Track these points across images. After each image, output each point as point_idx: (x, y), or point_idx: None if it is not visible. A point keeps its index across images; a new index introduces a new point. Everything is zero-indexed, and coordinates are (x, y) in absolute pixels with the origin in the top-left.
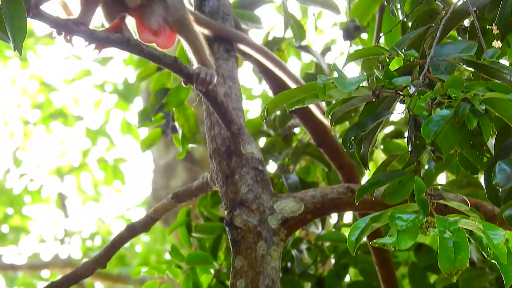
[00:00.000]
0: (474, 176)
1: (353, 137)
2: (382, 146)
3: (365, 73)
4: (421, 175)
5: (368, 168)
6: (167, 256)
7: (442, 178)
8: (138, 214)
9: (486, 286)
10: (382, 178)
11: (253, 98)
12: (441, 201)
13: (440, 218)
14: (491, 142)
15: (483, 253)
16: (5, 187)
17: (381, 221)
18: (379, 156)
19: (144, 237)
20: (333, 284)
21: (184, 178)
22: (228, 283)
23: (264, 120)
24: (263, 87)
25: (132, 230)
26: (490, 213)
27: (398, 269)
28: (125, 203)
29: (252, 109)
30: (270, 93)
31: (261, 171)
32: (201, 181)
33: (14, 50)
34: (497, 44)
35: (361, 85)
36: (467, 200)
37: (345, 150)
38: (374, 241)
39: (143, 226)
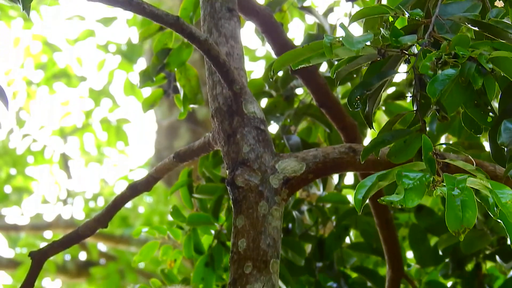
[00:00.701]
0: (478, 135)
1: (358, 96)
2: (384, 108)
3: (371, 32)
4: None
5: (373, 127)
6: (170, 218)
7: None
8: (141, 175)
9: (487, 247)
10: (387, 137)
11: (256, 59)
12: (447, 161)
13: (448, 176)
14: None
15: (486, 214)
16: (8, 148)
17: (387, 179)
18: (381, 118)
19: (147, 198)
20: (334, 245)
21: (187, 139)
22: (229, 244)
23: (271, 79)
24: (267, 49)
25: (134, 190)
26: (492, 174)
27: (399, 231)
28: (128, 164)
29: (256, 71)
30: (273, 55)
31: (263, 131)
32: (202, 140)
33: (23, 10)
34: (499, 3)
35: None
36: (472, 160)
37: (350, 109)
38: (381, 198)
39: (145, 185)
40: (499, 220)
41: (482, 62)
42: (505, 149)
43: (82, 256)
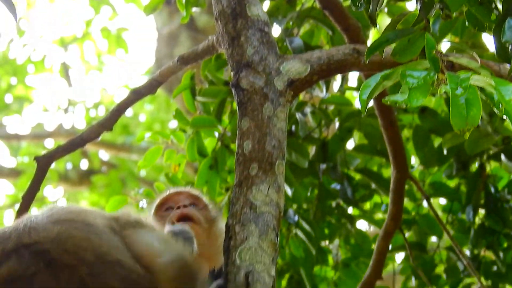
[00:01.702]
0: (481, 32)
1: None
2: (386, 9)
3: None
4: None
5: (376, 26)
6: (171, 125)
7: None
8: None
9: (491, 148)
10: (391, 36)
11: None
12: (451, 59)
13: (451, 74)
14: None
15: (490, 114)
16: (8, 57)
17: (392, 79)
18: (384, 21)
19: (147, 106)
20: (337, 147)
21: (187, 46)
22: (233, 146)
23: None
24: None
25: (138, 93)
26: (496, 74)
27: (402, 133)
28: (128, 72)
29: None
30: None
31: (267, 33)
32: (206, 43)
33: None
34: None
35: None
36: (477, 57)
37: (353, 8)
38: (386, 98)
39: (149, 88)
40: (504, 117)
41: None
42: (509, 46)
43: (84, 164)
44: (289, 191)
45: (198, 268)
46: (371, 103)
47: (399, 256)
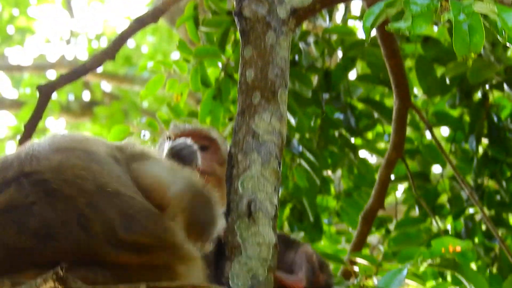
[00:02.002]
0: None
1: None
2: None
3: None
4: None
5: None
6: (173, 56)
7: None
8: None
9: (494, 77)
10: None
11: None
12: None
13: (454, 1)
14: None
15: (493, 43)
16: None
17: (395, 6)
18: None
19: (150, 38)
20: (340, 77)
21: None
22: (236, 76)
23: None
24: None
25: (141, 22)
26: (499, 1)
27: (405, 62)
28: (131, 3)
29: None
30: None
31: None
32: None
33: None
34: None
35: None
36: None
37: None
38: (389, 25)
39: (151, 17)
40: (508, 44)
41: None
42: None
43: (86, 96)
44: (292, 121)
45: (212, 194)
46: (374, 32)
47: (402, 187)
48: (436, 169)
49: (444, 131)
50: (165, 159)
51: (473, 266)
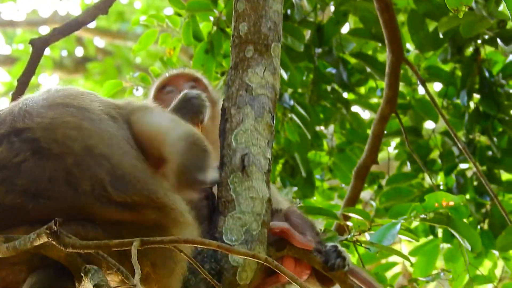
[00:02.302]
0: None
1: None
2: None
3: None
4: None
5: None
6: (166, 12)
7: None
8: None
9: (486, 32)
10: None
11: None
12: None
13: None
14: None
15: None
16: None
17: None
18: None
19: None
20: (333, 31)
21: None
22: (229, 30)
23: None
24: None
25: None
26: None
27: (398, 17)
28: None
29: None
30: None
31: None
32: None
33: None
34: None
35: None
36: None
37: None
38: None
39: None
40: None
41: None
42: None
43: (79, 52)
44: (284, 75)
45: (208, 146)
46: None
47: (393, 143)
48: (428, 125)
49: (436, 87)
50: (167, 110)
51: (465, 221)
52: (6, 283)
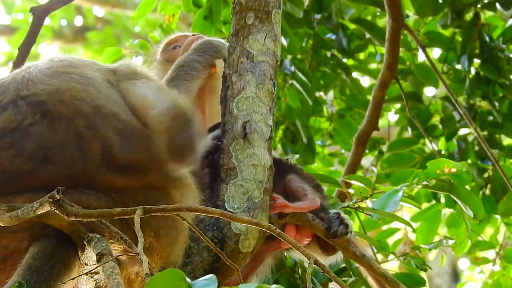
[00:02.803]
0: None
1: None
2: None
3: None
4: None
5: None
6: None
7: None
8: None
9: None
10: None
11: None
12: None
13: None
14: None
15: None
16: None
17: None
18: None
19: None
20: None
21: None
22: None
23: None
24: None
25: None
26: None
27: None
28: None
29: None
30: None
31: None
32: None
33: None
34: None
35: None
36: None
37: None
38: None
39: None
40: None
41: None
42: None
43: (78, 21)
44: (284, 42)
45: (194, 115)
46: None
47: (393, 110)
48: (428, 92)
49: (435, 53)
50: (155, 80)
51: (467, 188)
52: (8, 251)
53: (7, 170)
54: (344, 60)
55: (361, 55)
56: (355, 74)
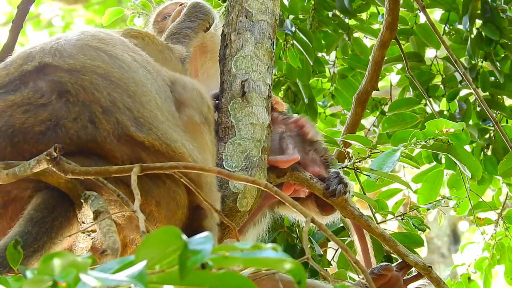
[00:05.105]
0: None
1: None
2: None
3: None
4: None
5: None
6: None
7: None
8: None
9: None
10: None
11: None
12: None
13: None
14: None
15: None
16: None
17: None
18: None
19: None
20: None
21: None
22: None
23: None
24: None
25: None
26: None
27: None
28: None
29: None
30: None
31: None
32: None
33: None
34: None
35: None
36: None
37: None
38: None
39: None
40: None
41: None
42: None
43: None
44: (285, 1)
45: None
46: None
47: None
48: (429, 53)
49: (436, 15)
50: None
51: (468, 148)
52: (10, 197)
53: (18, 130)
54: (346, 20)
55: (363, 15)
56: (357, 35)
